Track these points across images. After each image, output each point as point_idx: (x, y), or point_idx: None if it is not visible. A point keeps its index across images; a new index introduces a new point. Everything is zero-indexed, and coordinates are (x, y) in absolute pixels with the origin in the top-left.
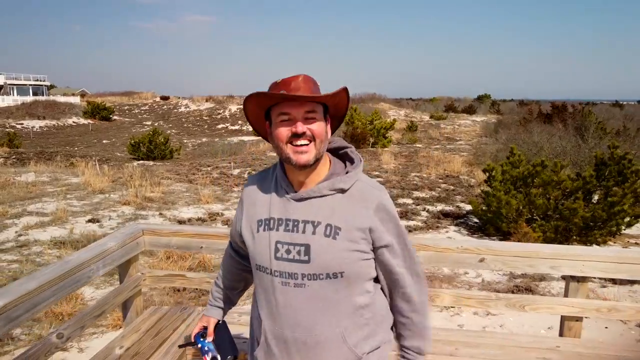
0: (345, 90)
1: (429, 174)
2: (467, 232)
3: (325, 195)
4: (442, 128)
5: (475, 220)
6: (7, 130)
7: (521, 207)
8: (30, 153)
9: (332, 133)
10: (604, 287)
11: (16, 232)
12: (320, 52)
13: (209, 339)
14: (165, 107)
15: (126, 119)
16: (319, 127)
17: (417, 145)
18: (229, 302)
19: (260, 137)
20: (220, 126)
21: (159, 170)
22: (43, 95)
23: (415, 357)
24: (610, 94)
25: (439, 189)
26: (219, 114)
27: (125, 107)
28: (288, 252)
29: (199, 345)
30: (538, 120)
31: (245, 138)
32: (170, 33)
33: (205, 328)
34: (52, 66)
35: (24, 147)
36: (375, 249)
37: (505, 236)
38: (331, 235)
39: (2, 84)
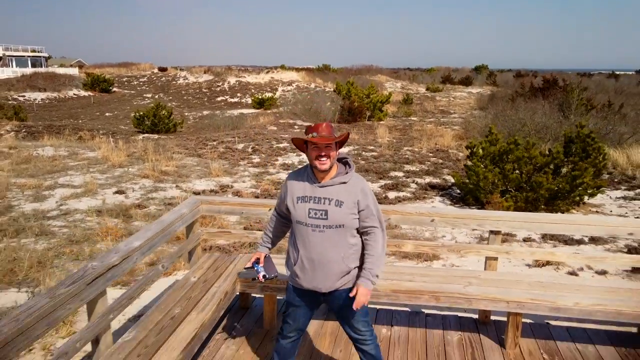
0: (347, 134)
1: (420, 148)
2: (449, 202)
3: (335, 185)
4: (438, 100)
5: (458, 191)
6: (10, 102)
7: (496, 181)
8: (39, 126)
9: (338, 149)
10: (555, 246)
11: (56, 202)
12: (320, 20)
13: (261, 265)
14: (163, 78)
15: (126, 91)
16: (332, 152)
17: (412, 118)
18: (272, 244)
19: (259, 111)
20: (219, 99)
21: (168, 145)
22: (41, 66)
23: (369, 276)
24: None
25: (429, 163)
26: (218, 86)
27: (124, 79)
28: (315, 214)
29: (255, 268)
30: (530, 93)
31: (245, 111)
32: (166, 1)
33: (258, 258)
34: (45, 35)
35: (29, 119)
36: (359, 211)
37: (482, 206)
38: (339, 206)
39: (1, 55)
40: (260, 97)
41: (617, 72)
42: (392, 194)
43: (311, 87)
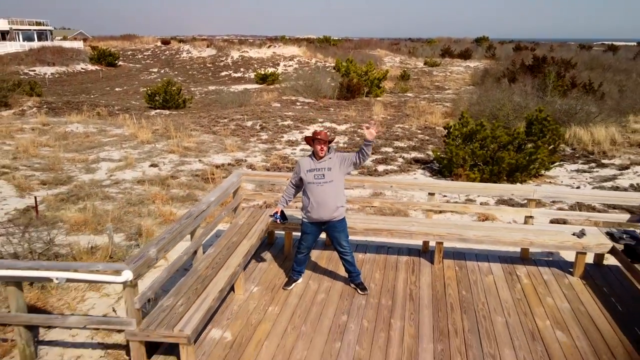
0: (333, 138)
1: (410, 126)
2: (429, 175)
3: (325, 160)
4: (434, 76)
5: (438, 165)
6: (22, 77)
7: (466, 156)
8: (58, 102)
9: (328, 144)
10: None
11: (105, 173)
12: None
13: (279, 214)
14: (167, 52)
15: (131, 65)
16: (326, 146)
17: (408, 94)
18: (286, 203)
19: (262, 86)
20: (223, 73)
21: (185, 122)
22: (47, 39)
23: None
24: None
25: (416, 139)
26: (222, 61)
27: (129, 53)
28: (317, 177)
29: (275, 217)
30: (520, 71)
31: (249, 86)
32: None
33: (276, 211)
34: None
35: (44, 94)
36: (345, 161)
37: (456, 177)
38: (329, 170)
39: (8, 29)
40: (263, 72)
41: (619, 43)
42: (381, 167)
43: (312, 62)
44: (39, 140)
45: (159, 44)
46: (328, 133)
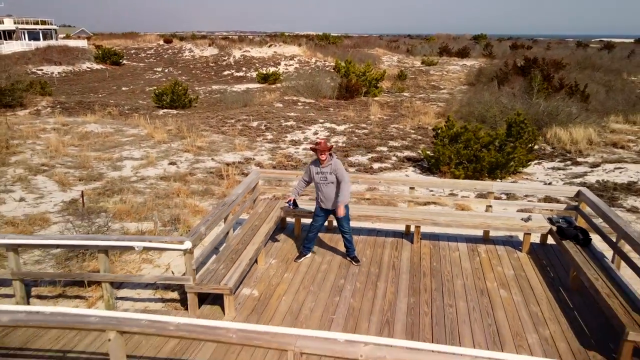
0: (331, 146)
1: (405, 126)
2: (419, 172)
3: (327, 166)
4: (431, 75)
5: (427, 163)
6: (30, 76)
7: (452, 155)
8: (71, 102)
9: (329, 152)
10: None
11: (131, 170)
12: None
13: (292, 202)
14: (170, 51)
15: (134, 63)
16: (327, 154)
17: (405, 94)
18: (298, 194)
19: (263, 86)
20: (226, 72)
21: (194, 122)
22: (52, 38)
23: (340, 201)
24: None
25: (409, 139)
26: (224, 60)
27: (132, 51)
28: (321, 179)
29: (288, 204)
30: (512, 71)
31: (251, 85)
32: None
33: (290, 200)
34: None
35: (53, 94)
36: (336, 174)
37: (442, 174)
38: (332, 174)
39: (14, 28)
40: (264, 72)
41: (618, 40)
42: (376, 165)
43: (312, 62)
44: (63, 139)
45: (161, 42)
46: (327, 142)
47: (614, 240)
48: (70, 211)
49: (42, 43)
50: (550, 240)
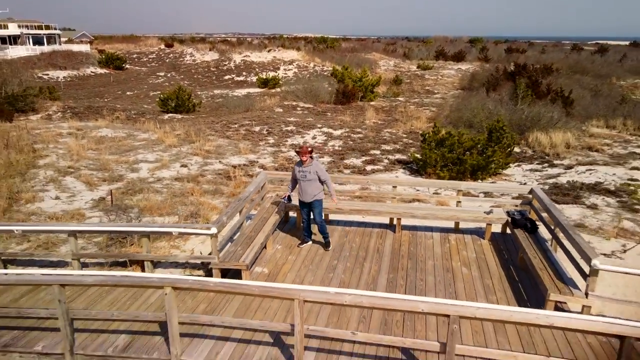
0: (312, 150)
1: (397, 130)
2: (409, 173)
3: (308, 167)
4: (426, 79)
5: (416, 166)
6: (37, 81)
7: (438, 159)
8: (80, 107)
9: (311, 154)
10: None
11: (147, 172)
12: None
13: (286, 197)
14: (171, 55)
15: (137, 67)
16: (308, 157)
17: (400, 98)
18: (291, 190)
19: (263, 90)
20: (227, 77)
21: (200, 127)
22: (55, 42)
23: (331, 195)
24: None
25: (401, 143)
26: (225, 65)
27: (134, 55)
28: (303, 176)
29: (284, 199)
30: (503, 76)
31: (251, 90)
32: None
33: (285, 195)
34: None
35: (61, 99)
36: (318, 175)
37: (428, 175)
38: (310, 173)
39: (19, 33)
40: (264, 77)
41: (614, 42)
42: (369, 167)
43: (310, 66)
44: (81, 144)
45: (162, 46)
46: (308, 147)
47: (552, 228)
48: (101, 207)
49: (46, 48)
50: (510, 230)
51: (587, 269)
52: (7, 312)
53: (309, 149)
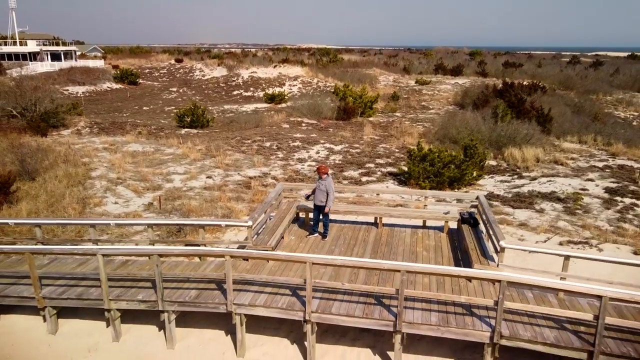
0: (327, 169)
1: (391, 146)
2: (397, 184)
3: (323, 182)
4: (423, 95)
5: (403, 177)
6: (59, 96)
7: (421, 171)
8: (105, 123)
9: (325, 172)
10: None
11: (180, 182)
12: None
13: (307, 195)
14: (181, 70)
15: (149, 82)
16: (323, 173)
17: (397, 114)
18: (311, 193)
19: (270, 106)
20: (235, 92)
21: (218, 143)
22: (72, 58)
23: (326, 205)
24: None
25: (393, 157)
26: (234, 81)
27: (146, 70)
28: (318, 186)
29: (306, 196)
30: (492, 94)
31: (259, 105)
32: None
33: (307, 194)
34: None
35: (84, 114)
36: (327, 189)
37: (412, 185)
38: (323, 186)
39: (38, 50)
40: (271, 92)
41: (612, 54)
42: (364, 178)
43: (314, 82)
44: (118, 157)
45: (172, 61)
46: (326, 166)
47: (485, 223)
48: (151, 210)
49: (64, 64)
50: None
51: (498, 248)
52: (119, 275)
53: (325, 169)
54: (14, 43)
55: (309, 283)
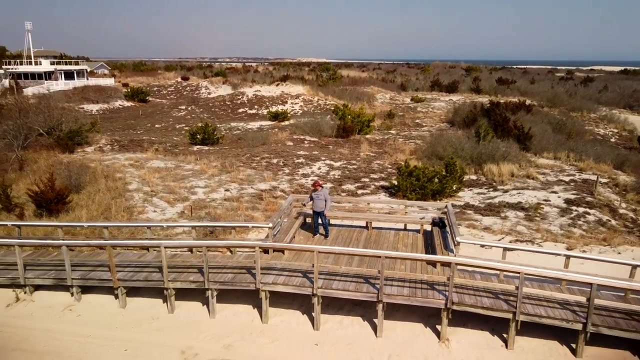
0: (321, 184)
1: (384, 162)
2: (388, 195)
3: (320, 192)
4: (417, 112)
5: (393, 190)
6: (74, 113)
7: (408, 185)
8: (124, 140)
9: (320, 185)
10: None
11: (203, 194)
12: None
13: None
14: (188, 88)
15: (158, 100)
16: (318, 187)
17: (392, 131)
18: (308, 201)
19: (274, 123)
20: (240, 110)
21: (231, 160)
22: (84, 77)
23: (326, 209)
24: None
25: (386, 172)
26: (239, 99)
27: (155, 88)
28: (317, 196)
29: (304, 204)
30: (480, 112)
31: (263, 123)
32: None
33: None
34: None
35: (101, 131)
36: (325, 198)
37: (400, 197)
38: (321, 195)
39: (53, 70)
40: (274, 111)
41: (607, 68)
42: (360, 191)
43: (314, 100)
44: (144, 173)
45: (179, 79)
46: (321, 183)
47: (450, 226)
48: (184, 217)
49: (77, 82)
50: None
51: (455, 243)
52: (173, 263)
53: (320, 183)
54: (29, 63)
55: (316, 267)
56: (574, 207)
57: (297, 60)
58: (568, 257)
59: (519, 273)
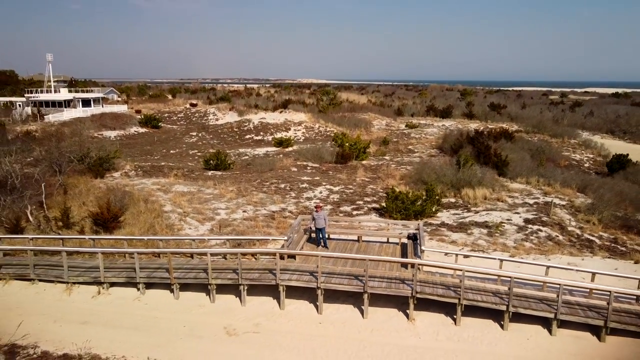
0: (322, 207)
1: (377, 186)
2: (378, 215)
3: (321, 212)
4: (411, 138)
5: (382, 211)
6: (94, 139)
7: (394, 207)
8: (146, 166)
9: (321, 207)
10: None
11: (225, 214)
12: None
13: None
14: (196, 114)
15: (169, 126)
16: (320, 209)
17: (386, 157)
18: (312, 222)
19: (279, 149)
20: (247, 136)
21: (245, 185)
22: (98, 103)
23: (325, 226)
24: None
25: (377, 196)
26: (245, 126)
27: (165, 115)
28: (318, 216)
29: (310, 226)
30: (466, 140)
31: (269, 149)
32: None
33: (310, 226)
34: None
35: (122, 157)
36: (324, 217)
37: (387, 217)
38: (321, 215)
39: (71, 98)
40: (279, 137)
41: (600, 90)
42: (355, 212)
43: (315, 127)
44: (171, 196)
45: (187, 105)
46: (319, 205)
47: (420, 239)
48: (213, 232)
49: (94, 110)
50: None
51: (420, 251)
52: (196, 265)
53: (321, 206)
54: (48, 91)
55: (319, 268)
56: (529, 225)
57: (298, 82)
58: (502, 260)
59: (462, 271)
